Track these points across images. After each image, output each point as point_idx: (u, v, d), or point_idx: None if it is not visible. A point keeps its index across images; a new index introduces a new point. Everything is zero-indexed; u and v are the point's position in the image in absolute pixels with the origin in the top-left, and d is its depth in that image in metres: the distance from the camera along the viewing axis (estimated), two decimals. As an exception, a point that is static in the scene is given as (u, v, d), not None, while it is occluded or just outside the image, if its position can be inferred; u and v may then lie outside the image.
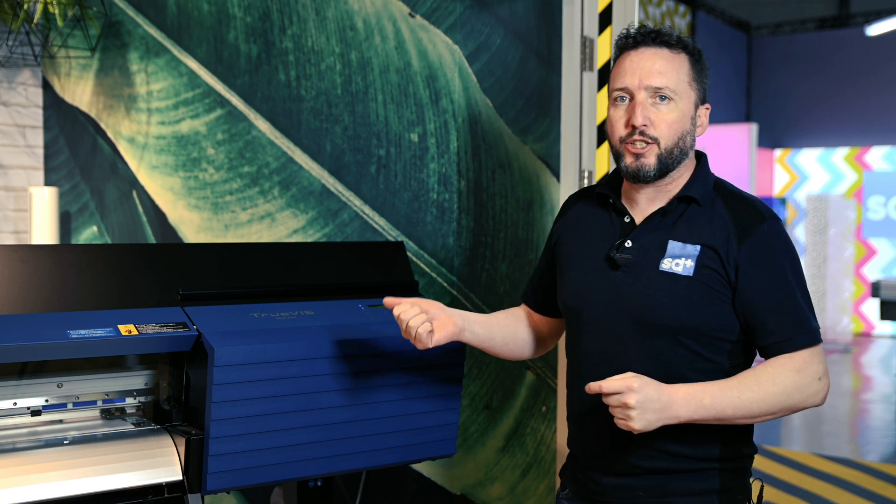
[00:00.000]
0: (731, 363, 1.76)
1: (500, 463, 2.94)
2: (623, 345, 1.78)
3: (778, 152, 12.53)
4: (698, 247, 1.74)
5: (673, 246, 1.76)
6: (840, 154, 12.08)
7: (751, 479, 1.86)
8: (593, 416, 1.82)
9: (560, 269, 1.94)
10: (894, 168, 11.75)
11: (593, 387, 1.63)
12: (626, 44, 1.80)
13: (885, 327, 11.46)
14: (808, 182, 12.26)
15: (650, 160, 1.75)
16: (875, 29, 10.45)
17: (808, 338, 1.72)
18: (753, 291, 1.72)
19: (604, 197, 1.89)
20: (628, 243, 1.80)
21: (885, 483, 5.10)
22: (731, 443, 1.79)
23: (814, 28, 12.31)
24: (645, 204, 1.83)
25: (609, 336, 1.80)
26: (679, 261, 1.75)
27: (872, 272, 11.62)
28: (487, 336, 1.98)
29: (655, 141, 1.75)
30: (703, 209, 1.78)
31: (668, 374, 1.72)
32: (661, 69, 1.75)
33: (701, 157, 1.86)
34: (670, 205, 1.79)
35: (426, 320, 1.85)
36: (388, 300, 1.91)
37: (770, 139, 12.38)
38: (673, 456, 1.76)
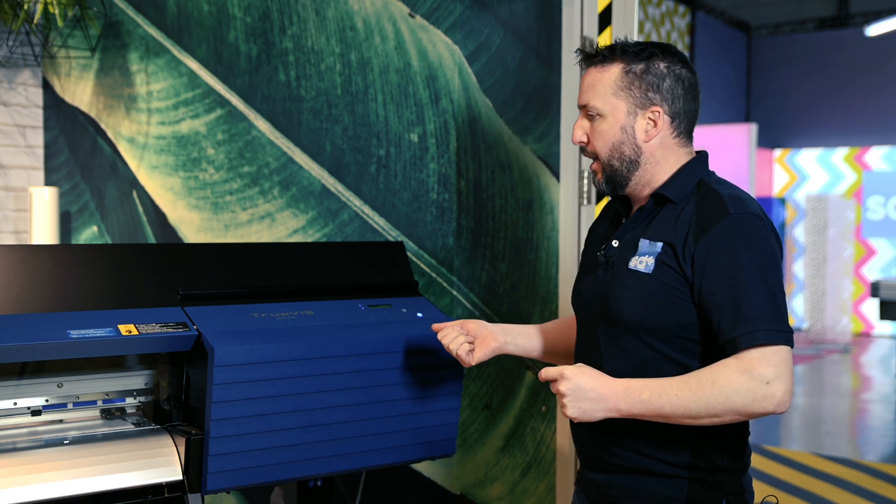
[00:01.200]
0: (701, 366, 1.71)
1: (499, 463, 2.94)
2: (598, 344, 1.83)
3: (777, 152, 12.53)
4: (660, 244, 1.75)
5: (642, 244, 1.78)
6: (839, 154, 12.08)
7: (759, 496, 1.83)
8: None
9: None
10: (894, 168, 11.75)
11: (541, 374, 1.71)
12: (579, 64, 1.92)
13: (884, 327, 11.46)
14: (808, 182, 12.26)
15: (599, 175, 1.85)
16: (874, 29, 10.45)
17: (754, 337, 1.62)
18: (706, 288, 1.68)
19: (621, 200, 1.93)
20: (615, 243, 1.84)
21: (885, 483, 5.10)
22: (702, 452, 1.76)
23: (813, 28, 12.31)
24: (635, 207, 1.88)
25: (589, 335, 1.87)
26: (643, 259, 1.76)
27: (872, 272, 11.62)
28: (535, 347, 2.08)
29: (595, 157, 1.84)
30: (678, 207, 1.78)
31: (639, 374, 1.73)
32: (585, 87, 1.84)
33: (696, 158, 1.84)
34: (647, 204, 1.83)
35: (465, 341, 1.99)
36: (435, 326, 2.06)
37: (770, 139, 12.38)
38: (644, 456, 1.77)
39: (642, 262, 1.76)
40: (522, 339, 2.05)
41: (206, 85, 3.41)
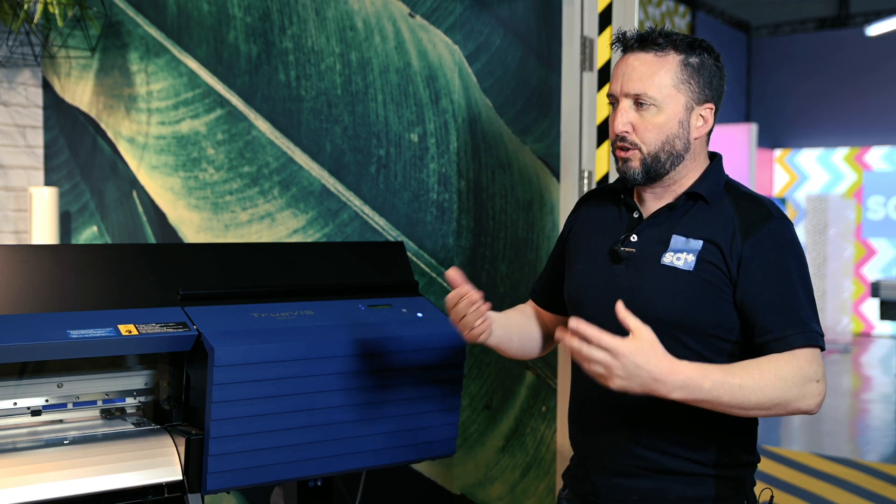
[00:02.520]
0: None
1: (499, 463, 2.94)
2: None
3: (778, 152, 12.53)
4: (700, 242, 1.73)
5: (676, 240, 1.75)
6: (840, 154, 12.08)
7: (756, 489, 1.83)
8: (593, 413, 1.81)
9: (568, 262, 1.95)
10: (894, 168, 11.75)
11: (589, 334, 1.55)
12: (619, 48, 1.81)
13: (884, 327, 11.46)
14: (808, 182, 12.26)
15: (634, 164, 1.76)
16: (875, 29, 10.45)
17: (807, 338, 1.66)
18: (754, 288, 1.69)
19: (616, 192, 1.89)
20: (633, 237, 1.80)
21: (885, 483, 5.10)
22: (730, 449, 1.76)
23: (813, 28, 12.31)
24: (652, 202, 1.83)
25: (609, 330, 1.74)
26: (681, 255, 1.73)
27: (872, 272, 11.62)
28: (506, 337, 1.96)
29: (637, 147, 1.75)
30: (711, 207, 1.76)
31: None
32: (640, 75, 1.73)
33: (715, 157, 1.84)
34: (677, 201, 1.79)
35: (476, 321, 1.82)
36: (451, 273, 1.82)
37: (770, 139, 12.38)
38: (669, 455, 1.75)
39: (680, 259, 1.73)
40: (498, 328, 1.92)
41: (206, 85, 3.41)
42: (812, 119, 12.38)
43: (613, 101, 1.79)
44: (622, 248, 1.79)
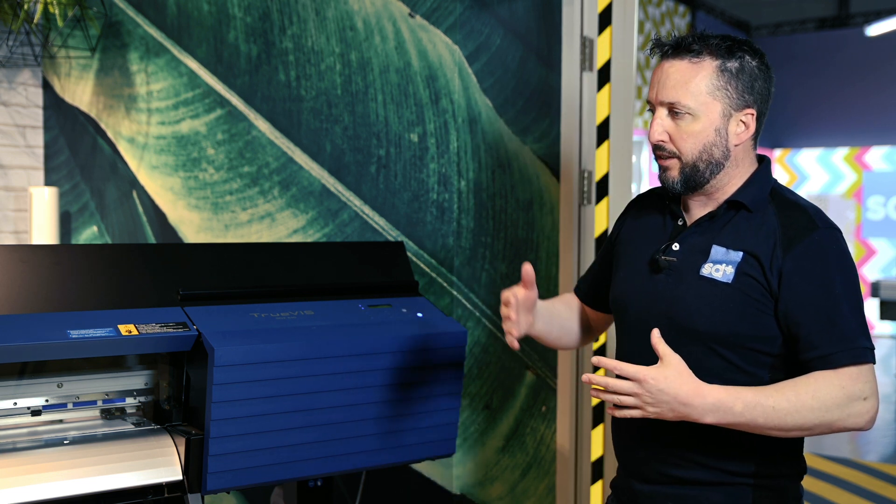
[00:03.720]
0: (771, 377, 1.69)
1: (499, 463, 2.94)
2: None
3: (778, 152, 12.53)
4: (741, 253, 1.68)
5: (716, 251, 1.71)
6: (840, 154, 12.08)
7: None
8: (629, 421, 1.78)
9: (615, 266, 1.93)
10: (894, 168, 11.75)
11: (617, 368, 1.56)
12: (655, 54, 1.76)
13: (884, 327, 11.46)
14: (808, 182, 12.26)
15: (673, 173, 1.73)
16: (875, 29, 10.45)
17: (853, 354, 1.61)
18: (796, 302, 1.64)
19: (663, 198, 1.85)
20: (675, 246, 1.76)
21: (885, 483, 5.10)
22: (770, 460, 1.72)
23: (814, 28, 12.31)
24: (696, 209, 1.79)
25: (647, 339, 1.71)
26: (720, 267, 1.69)
27: (872, 272, 11.62)
28: (546, 330, 1.97)
29: (675, 156, 1.72)
30: (755, 215, 1.71)
31: (705, 382, 1.64)
32: (675, 83, 1.70)
33: (763, 161, 1.79)
34: (719, 210, 1.75)
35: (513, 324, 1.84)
36: (526, 270, 1.83)
37: (770, 139, 12.39)
38: (704, 467, 1.72)
39: (719, 271, 1.69)
40: (540, 323, 1.93)
41: (206, 85, 3.41)
42: (812, 119, 12.38)
43: (651, 108, 1.76)
44: (662, 258, 1.76)
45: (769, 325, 1.67)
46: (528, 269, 1.82)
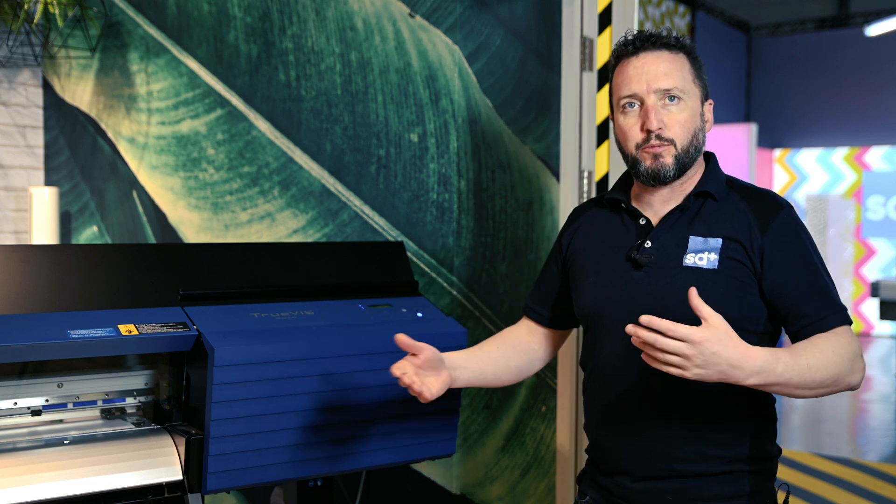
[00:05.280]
0: None
1: (499, 463, 2.94)
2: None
3: (777, 152, 12.53)
4: (720, 240, 1.75)
5: (694, 241, 1.76)
6: (839, 154, 12.08)
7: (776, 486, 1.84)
8: (617, 422, 1.80)
9: (574, 278, 1.93)
10: (894, 168, 11.75)
11: (663, 325, 1.53)
12: (626, 51, 1.80)
13: (884, 327, 11.46)
14: (808, 182, 12.26)
15: (668, 160, 1.76)
16: (875, 29, 10.45)
17: (841, 316, 1.72)
18: (780, 277, 1.72)
19: (615, 202, 1.88)
20: (648, 243, 1.79)
21: (885, 483, 5.10)
22: (760, 442, 1.78)
23: (813, 28, 12.31)
24: (660, 205, 1.82)
25: (629, 341, 1.70)
26: (703, 255, 1.75)
27: (872, 272, 11.62)
28: (477, 378, 1.96)
29: (671, 142, 1.77)
30: (721, 204, 1.79)
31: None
32: (665, 71, 1.77)
33: (710, 157, 1.87)
34: (687, 201, 1.79)
35: (420, 388, 1.82)
36: (400, 340, 1.84)
37: (770, 139, 12.38)
38: (705, 458, 1.75)
39: (703, 259, 1.74)
40: (467, 372, 1.93)
41: (206, 85, 3.41)
42: (812, 119, 12.38)
43: (634, 102, 1.78)
44: (640, 255, 1.78)
45: (756, 304, 1.75)
46: (399, 338, 1.82)
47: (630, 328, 1.56)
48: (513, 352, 2.03)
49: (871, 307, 11.22)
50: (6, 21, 3.73)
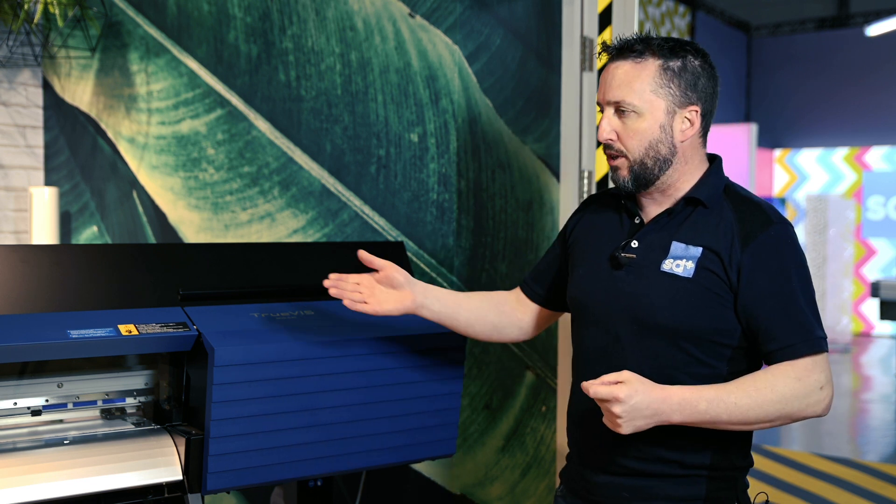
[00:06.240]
0: (730, 370, 1.74)
1: (499, 463, 2.94)
2: (620, 344, 1.78)
3: (777, 152, 12.53)
4: (700, 249, 1.73)
5: (676, 247, 1.75)
6: (840, 154, 12.08)
7: (751, 491, 1.84)
8: (590, 414, 1.81)
9: (571, 264, 1.96)
10: (894, 168, 11.75)
11: (585, 386, 1.62)
12: (602, 58, 1.84)
13: (884, 327, 11.46)
14: (808, 182, 12.26)
15: (623, 172, 1.78)
16: (875, 29, 10.45)
17: (810, 345, 1.68)
18: (756, 296, 1.70)
19: (618, 198, 1.89)
20: (634, 243, 1.80)
21: (885, 483, 5.10)
22: (725, 453, 1.78)
23: (813, 28, 12.31)
24: (651, 207, 1.83)
25: (608, 334, 1.80)
26: (680, 262, 1.74)
27: (872, 272, 11.62)
28: (449, 314, 2.02)
29: (623, 154, 1.77)
30: (711, 212, 1.76)
31: (664, 376, 1.71)
32: (619, 82, 1.76)
33: (714, 160, 1.84)
34: (676, 206, 1.79)
35: (362, 300, 1.96)
36: (362, 255, 1.99)
37: (770, 139, 12.38)
38: (664, 461, 1.76)
39: (679, 266, 1.73)
40: (438, 304, 2.00)
41: (206, 85, 3.41)
42: (812, 119, 12.38)
43: (601, 109, 1.82)
44: (622, 255, 1.80)
45: (729, 318, 1.72)
46: (361, 253, 1.97)
47: (584, 386, 1.63)
48: (494, 309, 2.07)
49: (871, 307, 11.22)
50: (6, 21, 3.73)
